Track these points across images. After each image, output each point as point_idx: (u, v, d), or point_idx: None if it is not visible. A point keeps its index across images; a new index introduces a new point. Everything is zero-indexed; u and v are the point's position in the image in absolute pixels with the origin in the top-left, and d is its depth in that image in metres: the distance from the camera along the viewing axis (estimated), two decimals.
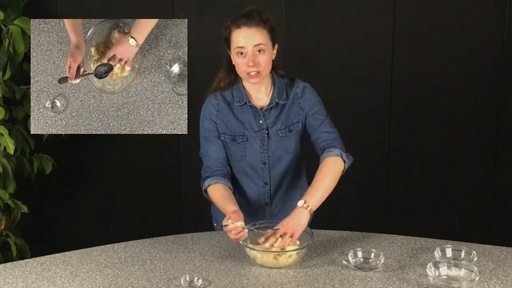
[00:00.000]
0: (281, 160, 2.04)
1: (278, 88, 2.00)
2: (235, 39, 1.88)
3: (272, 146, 2.01)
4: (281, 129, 2.01)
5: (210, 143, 2.02)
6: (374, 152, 3.12)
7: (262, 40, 1.87)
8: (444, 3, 2.93)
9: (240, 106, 2.00)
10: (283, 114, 2.01)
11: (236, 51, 1.88)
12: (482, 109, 3.04)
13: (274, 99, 1.99)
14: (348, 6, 2.95)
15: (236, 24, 1.88)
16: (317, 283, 1.67)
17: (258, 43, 1.86)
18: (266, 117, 2.00)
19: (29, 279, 1.72)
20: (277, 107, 2.00)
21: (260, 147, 2.01)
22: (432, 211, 3.16)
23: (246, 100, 1.99)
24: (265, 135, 2.00)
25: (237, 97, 2.00)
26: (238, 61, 1.89)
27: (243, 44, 1.86)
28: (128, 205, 3.21)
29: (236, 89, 2.01)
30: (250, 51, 1.86)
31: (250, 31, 1.86)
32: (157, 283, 1.69)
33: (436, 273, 1.66)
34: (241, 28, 1.87)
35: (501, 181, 3.10)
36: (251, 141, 2.01)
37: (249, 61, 1.87)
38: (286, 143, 2.02)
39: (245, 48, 1.86)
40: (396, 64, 3.00)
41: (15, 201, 2.74)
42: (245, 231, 1.80)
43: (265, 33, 1.88)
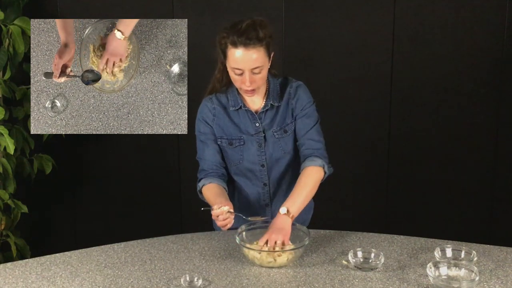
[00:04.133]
0: (279, 161, 2.04)
1: (273, 90, 1.99)
2: (231, 58, 1.83)
3: (269, 148, 2.01)
4: (276, 131, 2.00)
5: (206, 146, 2.02)
6: (374, 152, 3.12)
7: (259, 62, 1.83)
8: (444, 3, 2.93)
9: (236, 110, 1.99)
10: (278, 116, 2.00)
11: (232, 70, 1.85)
12: (482, 109, 3.04)
13: (269, 101, 1.98)
14: (348, 6, 2.95)
15: (232, 41, 1.81)
16: (317, 283, 1.67)
17: (255, 67, 1.83)
18: (262, 119, 1.99)
19: (29, 279, 1.72)
20: (272, 109, 2.00)
21: (258, 149, 2.01)
22: (432, 211, 3.16)
23: (242, 105, 1.98)
24: (262, 138, 2.00)
25: (232, 101, 1.99)
26: (234, 77, 1.87)
27: (241, 67, 1.83)
28: (128, 205, 3.21)
29: (230, 93, 1.99)
30: (247, 72, 1.83)
31: (248, 54, 1.81)
32: (157, 283, 1.69)
33: (436, 273, 1.66)
34: (238, 48, 1.81)
35: (501, 181, 3.10)
36: (248, 144, 2.00)
37: (246, 81, 1.84)
38: (283, 144, 2.02)
39: (242, 70, 1.83)
40: (396, 64, 3.00)
41: (15, 201, 2.74)
42: (231, 217, 1.82)
43: (262, 52, 1.83)
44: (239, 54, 1.81)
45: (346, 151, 3.08)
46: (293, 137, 2.03)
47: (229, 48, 1.83)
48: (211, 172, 2.01)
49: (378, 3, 2.94)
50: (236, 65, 1.83)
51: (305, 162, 1.97)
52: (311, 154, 1.97)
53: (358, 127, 3.08)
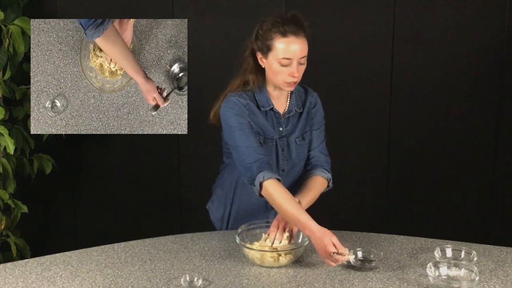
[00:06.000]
0: (296, 167, 2.04)
1: (296, 96, 1.99)
2: (280, 49, 1.80)
3: (291, 154, 2.00)
4: (298, 137, 2.00)
5: (249, 134, 1.87)
6: (374, 152, 3.12)
7: (305, 51, 1.83)
8: (444, 3, 2.93)
9: (265, 111, 1.95)
10: (300, 123, 2.00)
11: (280, 61, 1.82)
12: (482, 109, 3.04)
13: (293, 107, 1.98)
14: (348, 6, 2.95)
15: (281, 31, 1.80)
16: (317, 283, 1.67)
17: (304, 56, 1.83)
18: (286, 124, 1.98)
19: (29, 279, 1.72)
20: (295, 115, 1.99)
21: (281, 154, 1.99)
22: (432, 211, 3.16)
23: (273, 106, 1.95)
24: (285, 143, 1.98)
25: (261, 102, 1.93)
26: (280, 69, 1.83)
27: (291, 56, 1.80)
28: (128, 205, 3.21)
29: (259, 93, 1.94)
30: (295, 62, 1.82)
31: (299, 42, 1.80)
32: (157, 283, 1.69)
33: (436, 273, 1.66)
34: (288, 38, 1.80)
35: (501, 181, 3.10)
36: (276, 146, 1.98)
37: (295, 72, 1.82)
38: (301, 151, 2.02)
39: (292, 59, 1.81)
40: (396, 64, 3.00)
41: (15, 201, 2.74)
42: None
43: (306, 42, 1.84)
44: (290, 43, 1.80)
45: (346, 150, 3.08)
46: (308, 145, 2.05)
47: (276, 39, 1.81)
48: (265, 163, 1.84)
49: (378, 3, 2.94)
50: (286, 54, 1.80)
51: (315, 171, 1.99)
52: (322, 166, 2.02)
53: (358, 126, 3.08)
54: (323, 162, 2.03)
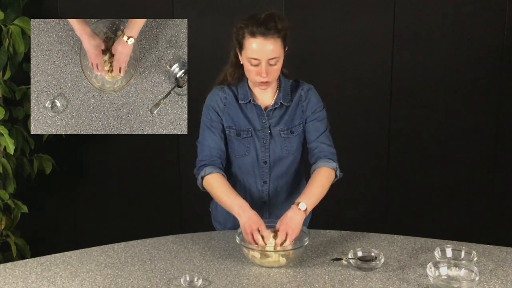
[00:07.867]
0: (282, 160, 2.04)
1: (284, 90, 2.00)
2: (248, 48, 1.84)
3: (274, 146, 2.01)
4: (283, 130, 2.01)
5: (212, 133, 2.00)
6: (374, 152, 3.12)
7: (276, 52, 1.84)
8: (444, 3, 2.93)
9: (245, 104, 2.00)
10: (286, 115, 2.01)
11: (249, 60, 1.85)
12: (482, 109, 3.04)
13: (279, 100, 1.99)
14: (348, 6, 2.95)
15: (251, 31, 1.82)
16: (317, 283, 1.67)
17: (272, 57, 1.84)
18: (269, 117, 2.00)
19: (29, 279, 1.72)
20: (281, 108, 2.00)
21: (262, 145, 2.01)
22: (432, 211, 3.16)
23: (251, 99, 1.98)
24: (267, 134, 2.00)
25: (241, 95, 1.99)
26: (250, 68, 1.87)
27: (257, 57, 1.83)
28: (128, 205, 3.21)
29: (241, 87, 2.00)
30: (264, 63, 1.84)
31: (266, 44, 1.82)
32: (157, 283, 1.69)
33: (436, 273, 1.66)
34: (256, 38, 1.82)
35: (501, 181, 3.10)
36: (255, 138, 2.01)
37: (262, 72, 1.85)
38: (288, 144, 2.02)
39: (259, 60, 1.84)
40: (396, 64, 3.00)
41: (15, 201, 2.74)
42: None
43: (279, 43, 1.84)
44: (257, 44, 1.82)
45: (346, 151, 3.06)
46: (299, 139, 2.04)
47: (246, 38, 1.84)
48: (215, 160, 1.98)
49: (378, 3, 2.94)
50: (253, 55, 1.83)
51: (318, 163, 1.98)
52: (325, 156, 1.99)
53: (358, 127, 3.08)
54: (326, 152, 2.00)
